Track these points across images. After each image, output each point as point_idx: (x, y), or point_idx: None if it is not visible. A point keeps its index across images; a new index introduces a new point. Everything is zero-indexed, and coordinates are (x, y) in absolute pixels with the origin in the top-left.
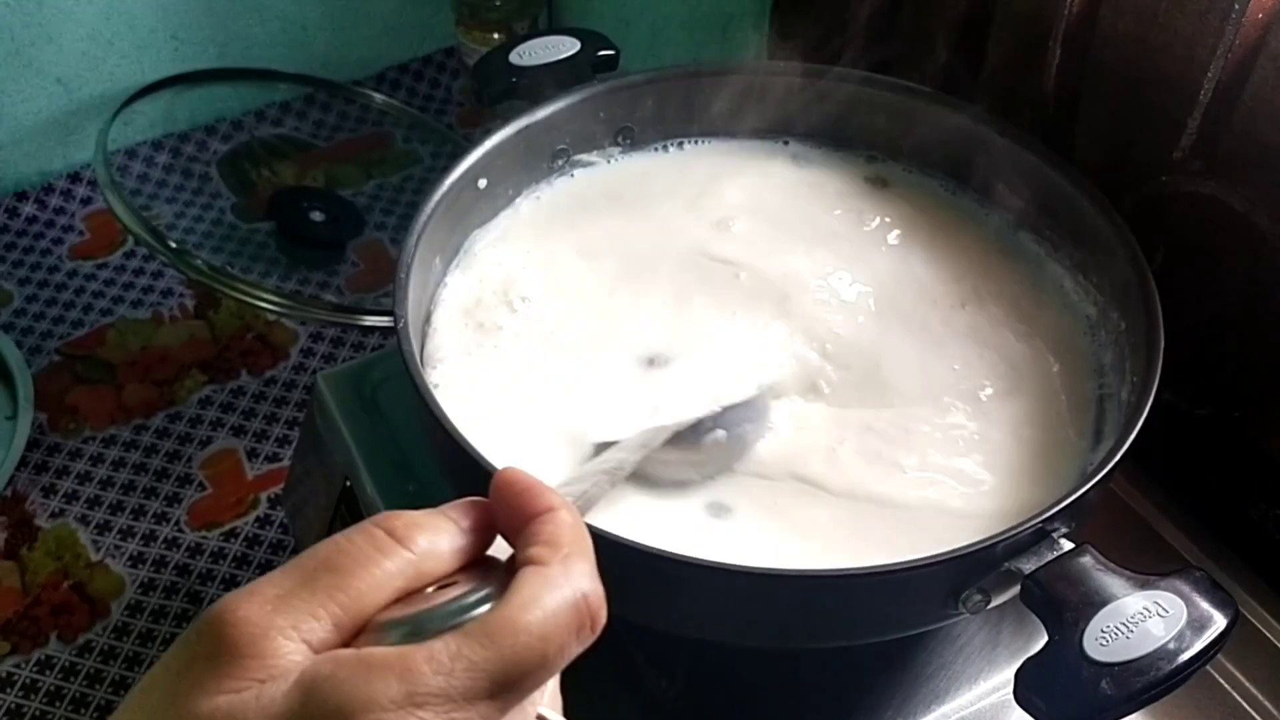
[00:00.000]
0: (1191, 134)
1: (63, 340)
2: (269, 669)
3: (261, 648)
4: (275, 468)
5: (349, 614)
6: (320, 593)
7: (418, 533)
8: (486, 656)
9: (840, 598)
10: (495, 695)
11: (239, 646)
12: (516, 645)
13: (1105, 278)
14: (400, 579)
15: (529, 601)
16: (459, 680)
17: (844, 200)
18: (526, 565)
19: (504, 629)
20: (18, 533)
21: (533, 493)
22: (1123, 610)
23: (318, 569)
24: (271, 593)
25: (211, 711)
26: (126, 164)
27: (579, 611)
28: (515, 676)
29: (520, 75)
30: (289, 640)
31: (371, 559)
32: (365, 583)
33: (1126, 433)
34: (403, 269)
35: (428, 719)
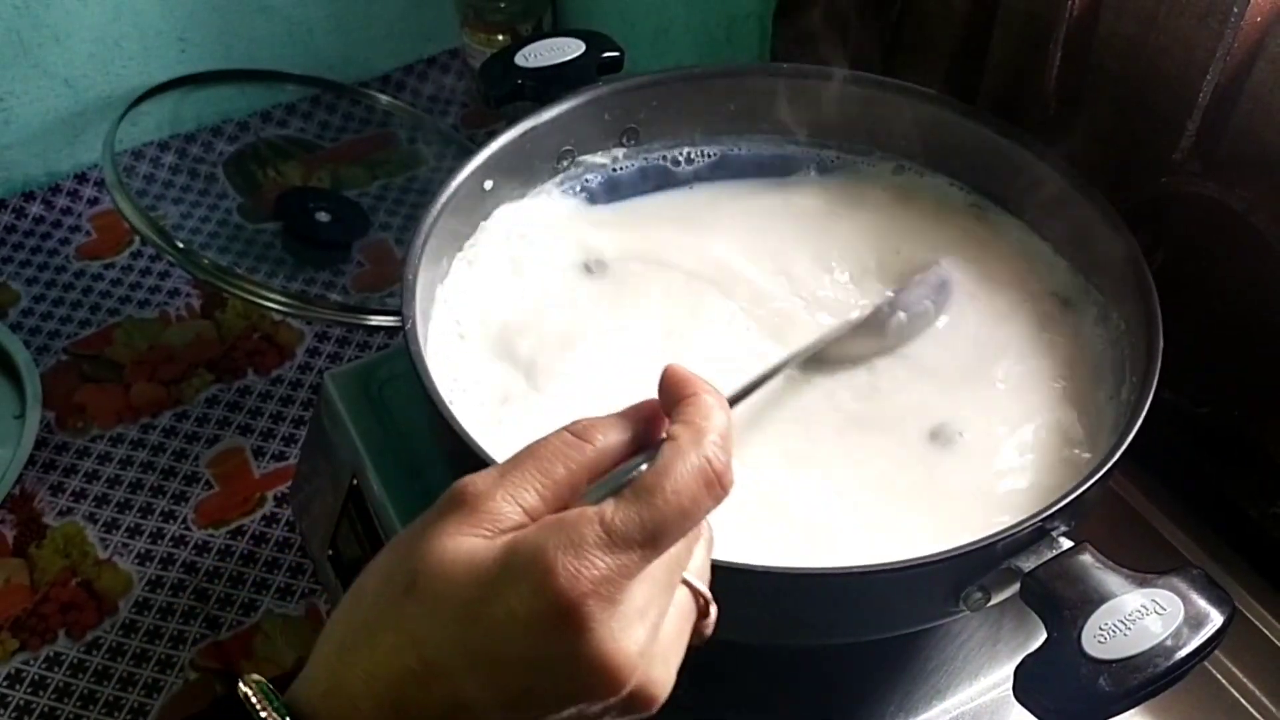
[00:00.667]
0: (1191, 135)
1: (70, 339)
2: (494, 520)
3: (488, 505)
4: (282, 466)
5: (549, 488)
6: (527, 472)
7: (595, 430)
8: (636, 510)
9: (841, 595)
10: (646, 543)
11: (471, 502)
12: (655, 501)
13: (1105, 277)
14: (585, 464)
15: (664, 467)
16: (616, 529)
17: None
18: (668, 440)
19: (646, 489)
20: (26, 530)
21: (684, 382)
22: (1121, 608)
23: (526, 457)
24: (495, 473)
25: (452, 546)
26: (133, 164)
27: (704, 473)
28: (660, 525)
29: (525, 77)
30: (507, 502)
31: (560, 450)
32: (559, 465)
33: (1126, 432)
34: (410, 270)
35: (599, 557)
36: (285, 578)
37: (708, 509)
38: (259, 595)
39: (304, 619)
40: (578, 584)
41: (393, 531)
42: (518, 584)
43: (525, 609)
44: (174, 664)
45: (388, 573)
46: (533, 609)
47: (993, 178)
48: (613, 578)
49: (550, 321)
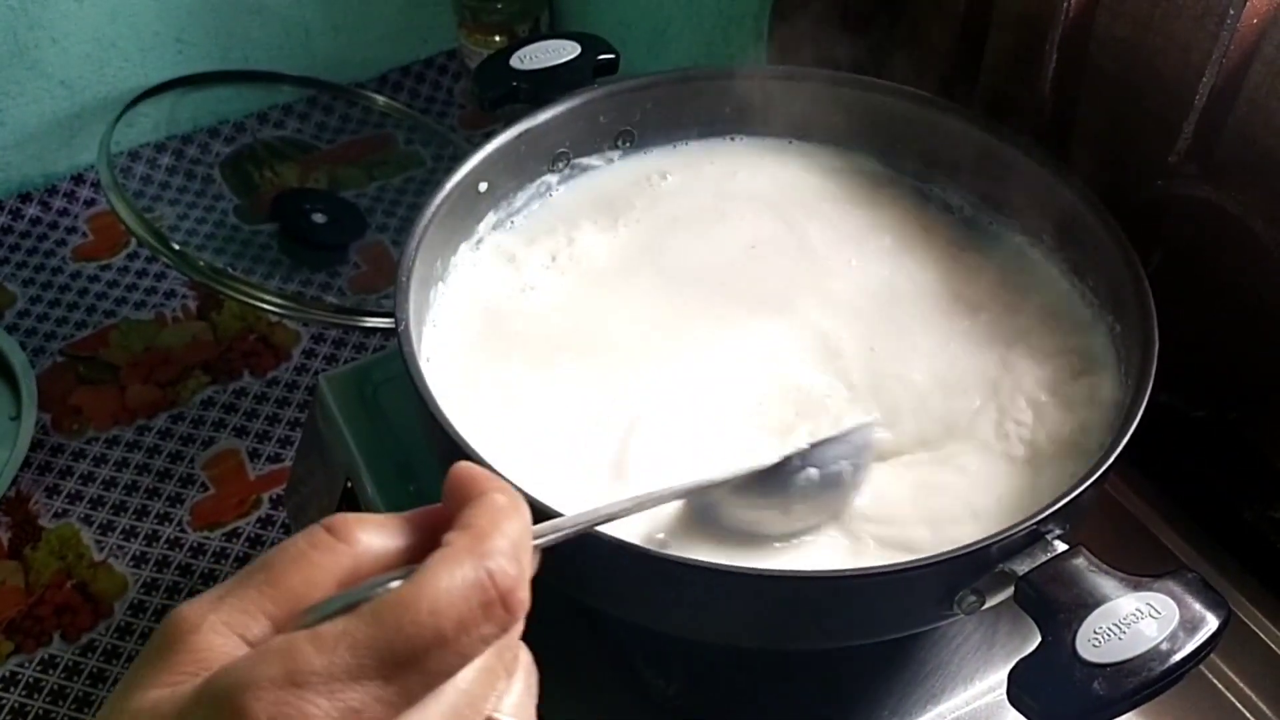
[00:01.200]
0: (1187, 138)
1: (66, 341)
2: (200, 663)
3: (193, 643)
4: (277, 468)
5: (282, 608)
6: (253, 589)
7: (358, 529)
8: (371, 634)
9: (835, 599)
10: (388, 676)
11: (174, 643)
12: (403, 621)
13: (1101, 281)
14: (335, 573)
15: (423, 579)
16: (341, 658)
17: (839, 204)
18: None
19: (392, 606)
20: (21, 533)
21: (472, 482)
22: (1115, 611)
23: (256, 569)
24: (213, 594)
25: (142, 703)
26: (130, 166)
27: (482, 588)
28: (405, 654)
29: (521, 79)
30: (220, 635)
31: (305, 555)
32: (298, 578)
33: (1121, 435)
34: (404, 272)
35: (312, 699)
36: None
37: (485, 637)
38: None
39: None
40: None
41: None
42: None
43: None
44: None
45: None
46: None
47: (986, 179)
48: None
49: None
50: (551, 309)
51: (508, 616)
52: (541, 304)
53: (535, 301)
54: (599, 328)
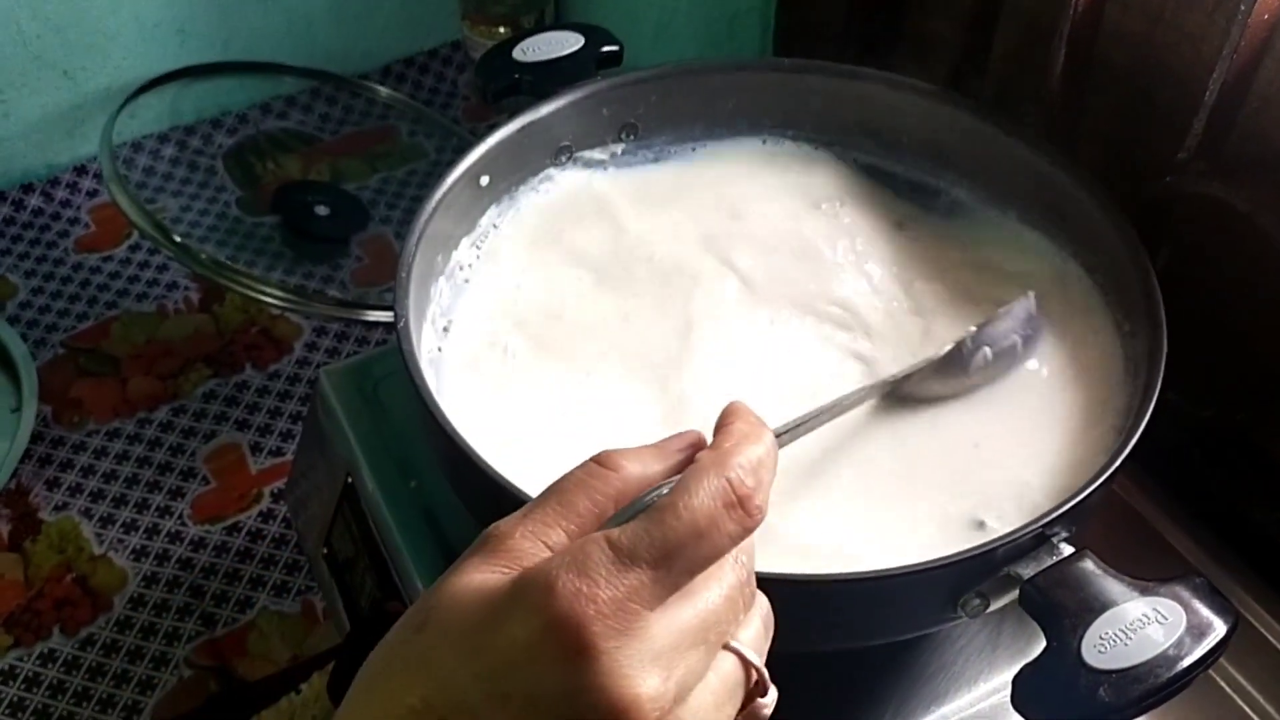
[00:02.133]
0: (1196, 134)
1: (67, 333)
2: (514, 557)
3: (508, 544)
4: (279, 462)
5: (574, 522)
6: (550, 509)
7: (624, 460)
8: (645, 529)
9: (837, 602)
10: (656, 563)
11: (494, 545)
12: (666, 518)
13: (1109, 278)
14: (609, 494)
15: (680, 485)
16: (622, 546)
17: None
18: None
19: (660, 509)
20: (21, 526)
21: (729, 412)
22: (1122, 616)
23: (549, 494)
24: (519, 512)
25: (468, 583)
26: (132, 157)
27: (724, 493)
28: (671, 543)
29: (523, 72)
30: (528, 539)
31: (585, 481)
32: (582, 499)
33: (1129, 436)
34: (404, 267)
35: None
36: (281, 574)
37: (731, 534)
38: (255, 592)
39: (300, 616)
40: (579, 604)
41: (386, 530)
42: (521, 608)
43: (526, 634)
44: (169, 661)
45: (410, 612)
46: (533, 634)
47: (994, 175)
48: (621, 600)
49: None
50: (554, 304)
51: (747, 517)
52: (543, 299)
53: (537, 296)
54: (603, 323)
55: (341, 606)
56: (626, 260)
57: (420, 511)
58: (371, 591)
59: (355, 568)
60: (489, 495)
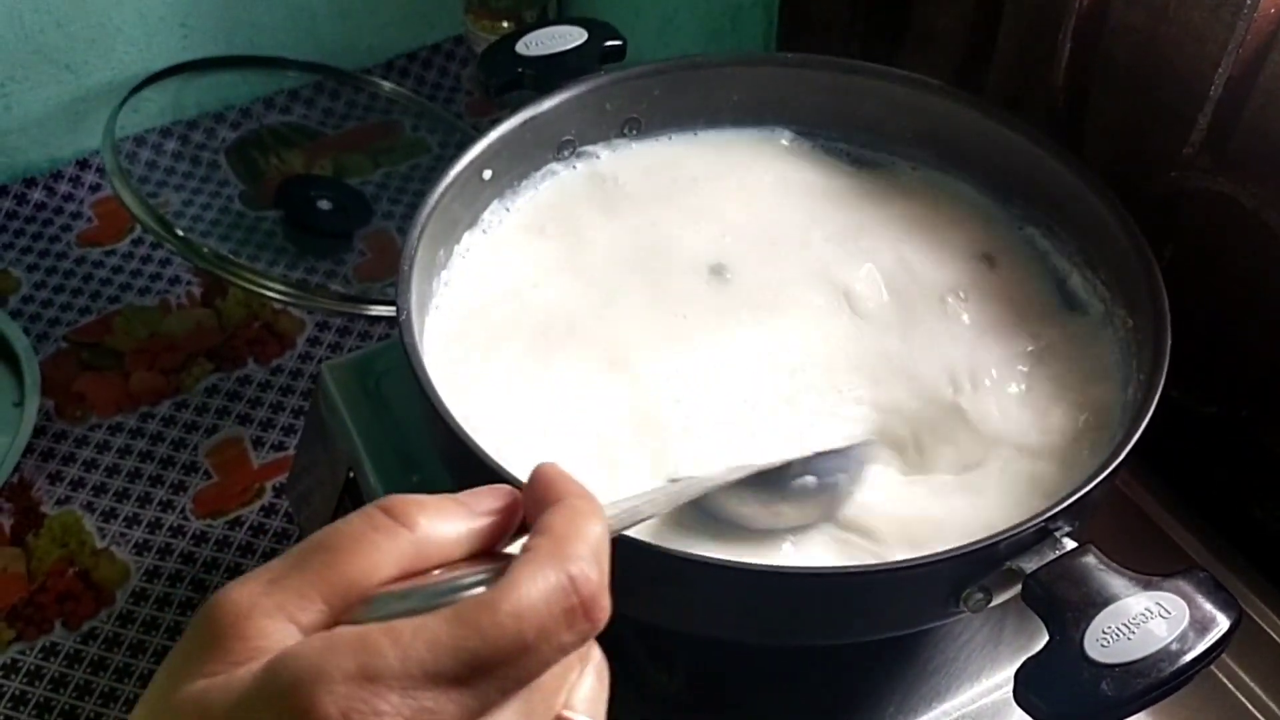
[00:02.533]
0: (1202, 130)
1: (70, 327)
2: (252, 650)
3: (244, 629)
4: (281, 456)
5: (340, 594)
6: (310, 573)
7: (419, 513)
8: (453, 635)
9: (840, 596)
10: (467, 681)
11: (224, 629)
12: (485, 625)
13: (1113, 274)
14: (396, 559)
15: (508, 583)
16: (418, 657)
17: (849, 194)
18: (523, 552)
19: (476, 609)
20: (24, 519)
21: (554, 484)
22: (1125, 611)
23: (311, 550)
24: (264, 576)
25: (188, 694)
26: (135, 151)
27: (565, 594)
28: (487, 659)
29: (526, 66)
30: (274, 621)
31: (365, 538)
32: (358, 562)
33: (1132, 431)
34: (406, 261)
35: (386, 697)
36: None
37: (564, 646)
38: None
39: None
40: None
41: None
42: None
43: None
44: None
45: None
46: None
47: (999, 171)
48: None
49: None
50: (556, 300)
51: (589, 625)
52: (546, 294)
53: (539, 292)
54: (605, 319)
55: None
56: (631, 256)
57: None
58: None
59: None
60: None
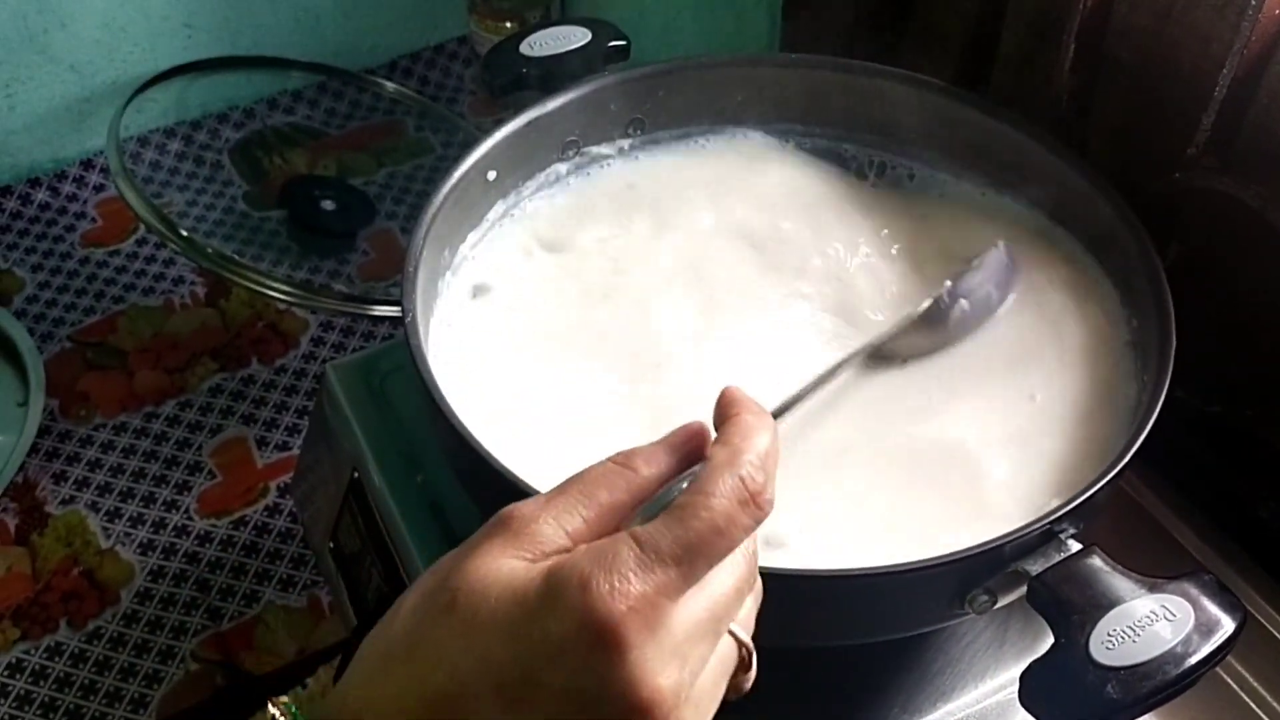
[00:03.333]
0: (1206, 130)
1: (74, 327)
2: (537, 543)
3: (531, 529)
4: (285, 456)
5: (594, 512)
6: (571, 498)
7: (637, 457)
8: (669, 527)
9: (844, 598)
10: (681, 559)
11: (516, 527)
12: (689, 519)
13: (1118, 274)
14: (629, 488)
15: (698, 486)
16: (650, 546)
17: (853, 196)
18: (706, 461)
19: (680, 508)
20: (29, 519)
21: (730, 402)
22: (1130, 613)
23: (570, 484)
24: (540, 499)
25: (495, 567)
26: (139, 151)
27: (738, 491)
28: (695, 542)
29: (530, 66)
30: (550, 526)
31: (603, 477)
32: (603, 491)
33: (1137, 432)
34: (411, 262)
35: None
36: (288, 569)
37: (745, 527)
38: (261, 586)
39: (306, 611)
40: (613, 602)
41: (393, 525)
42: (555, 605)
43: (560, 630)
44: (175, 655)
45: (429, 591)
46: (569, 629)
47: (1003, 171)
48: (650, 596)
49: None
50: (561, 299)
51: (759, 510)
52: (551, 294)
53: (545, 292)
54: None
55: (348, 600)
56: (634, 254)
57: (427, 506)
58: (378, 585)
59: (362, 562)
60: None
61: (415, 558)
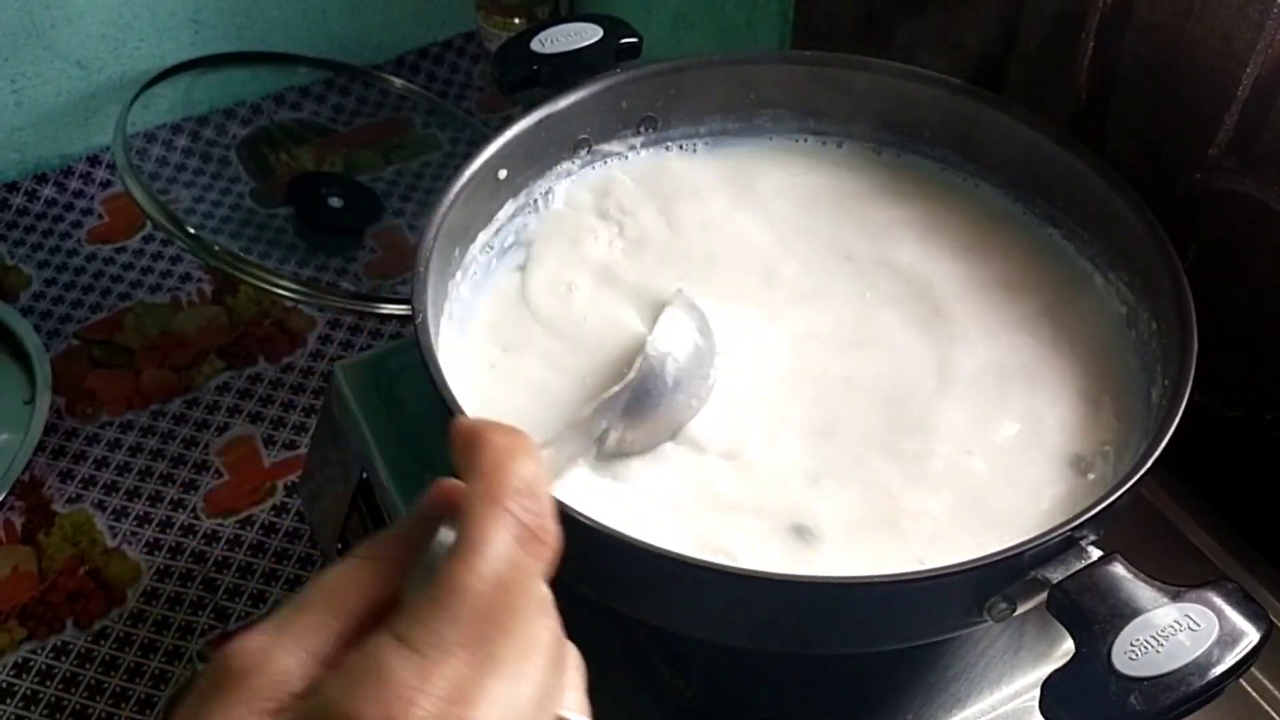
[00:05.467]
0: (1228, 130)
1: (81, 324)
2: (276, 688)
3: (268, 667)
4: (292, 455)
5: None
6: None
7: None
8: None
9: (860, 605)
10: (470, 642)
11: (246, 672)
12: (465, 582)
13: (1137, 276)
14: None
15: (465, 539)
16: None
17: (869, 193)
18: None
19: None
20: (35, 518)
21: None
22: (1153, 623)
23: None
24: (271, 626)
25: None
26: (145, 147)
27: (516, 530)
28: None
29: (542, 63)
30: (291, 657)
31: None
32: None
33: (1158, 438)
34: (421, 261)
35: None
36: (295, 569)
37: (536, 573)
38: (268, 586)
39: None
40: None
41: None
42: None
43: None
44: (182, 655)
45: None
46: None
47: (1020, 171)
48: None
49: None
50: (572, 299)
51: (543, 547)
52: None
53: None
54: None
55: None
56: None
57: None
58: None
59: None
60: None
61: None
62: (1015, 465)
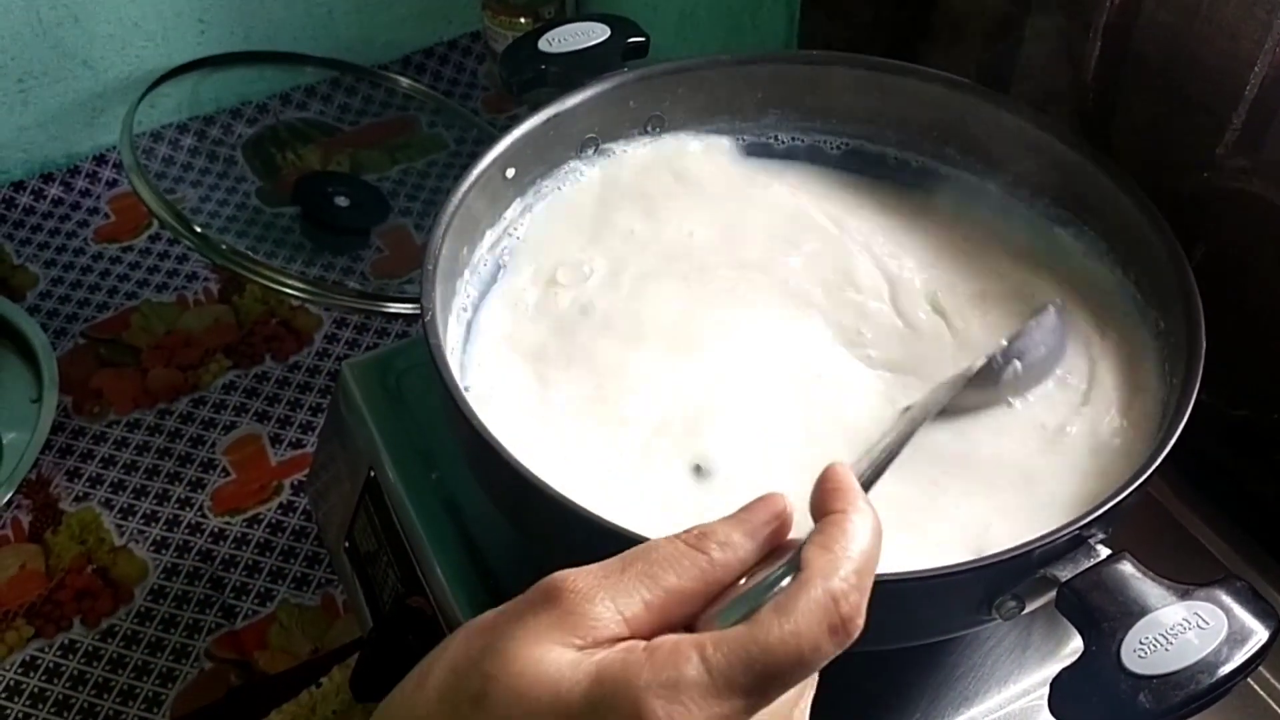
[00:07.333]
0: (1236, 130)
1: (88, 323)
2: (590, 627)
3: (585, 609)
4: (299, 454)
5: (657, 597)
6: (634, 576)
7: (710, 540)
8: (744, 648)
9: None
10: (752, 690)
11: (568, 604)
12: (769, 641)
13: (1144, 276)
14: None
15: (785, 603)
16: (719, 671)
17: (875, 194)
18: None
19: (761, 627)
20: (42, 516)
21: (836, 493)
22: (1162, 621)
23: (634, 559)
24: (597, 571)
25: (542, 655)
26: (152, 147)
27: (829, 613)
28: (771, 671)
29: (549, 63)
30: (606, 608)
31: (672, 557)
32: (670, 574)
33: (1167, 437)
34: (430, 260)
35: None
36: (302, 567)
37: (828, 655)
38: (275, 585)
39: (320, 609)
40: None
41: (409, 524)
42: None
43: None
44: (189, 653)
45: (460, 669)
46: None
47: (1027, 170)
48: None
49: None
50: (582, 299)
51: (846, 638)
52: (571, 294)
53: (564, 291)
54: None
55: (363, 600)
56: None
57: (443, 505)
58: (394, 585)
59: (377, 561)
60: (514, 490)
61: (431, 557)
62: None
